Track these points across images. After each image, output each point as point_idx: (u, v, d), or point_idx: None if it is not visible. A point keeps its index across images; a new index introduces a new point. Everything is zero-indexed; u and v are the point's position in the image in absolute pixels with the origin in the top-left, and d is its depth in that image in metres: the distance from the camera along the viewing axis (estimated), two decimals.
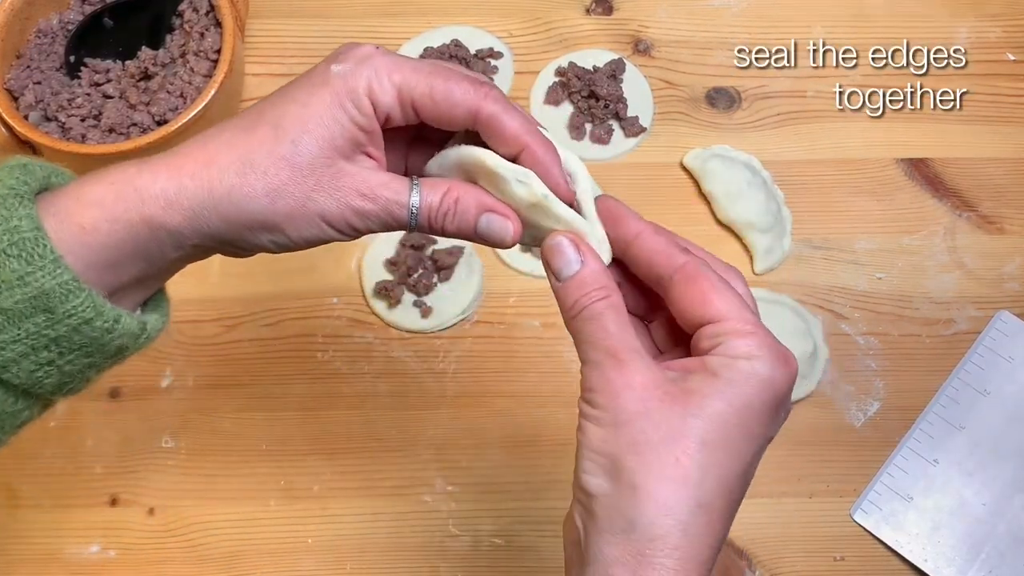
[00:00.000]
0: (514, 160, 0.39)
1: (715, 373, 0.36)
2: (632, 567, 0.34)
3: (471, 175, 0.40)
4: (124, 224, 0.36)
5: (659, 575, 0.34)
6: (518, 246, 0.41)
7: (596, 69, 0.76)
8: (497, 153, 0.39)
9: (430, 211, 0.39)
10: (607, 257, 0.40)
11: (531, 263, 0.69)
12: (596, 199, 0.40)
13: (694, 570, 0.34)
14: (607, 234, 0.40)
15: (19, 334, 0.35)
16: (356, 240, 0.41)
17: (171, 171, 0.37)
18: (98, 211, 0.36)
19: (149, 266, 0.38)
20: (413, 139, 0.43)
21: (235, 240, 0.38)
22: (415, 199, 0.39)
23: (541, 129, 0.40)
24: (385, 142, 0.40)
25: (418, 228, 0.40)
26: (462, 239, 0.41)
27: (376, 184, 0.39)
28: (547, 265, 0.39)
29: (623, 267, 0.41)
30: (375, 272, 0.69)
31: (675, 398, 0.35)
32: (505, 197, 0.39)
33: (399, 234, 0.69)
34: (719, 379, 0.36)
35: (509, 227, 0.39)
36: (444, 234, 0.40)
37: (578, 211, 0.40)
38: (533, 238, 0.41)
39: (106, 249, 0.36)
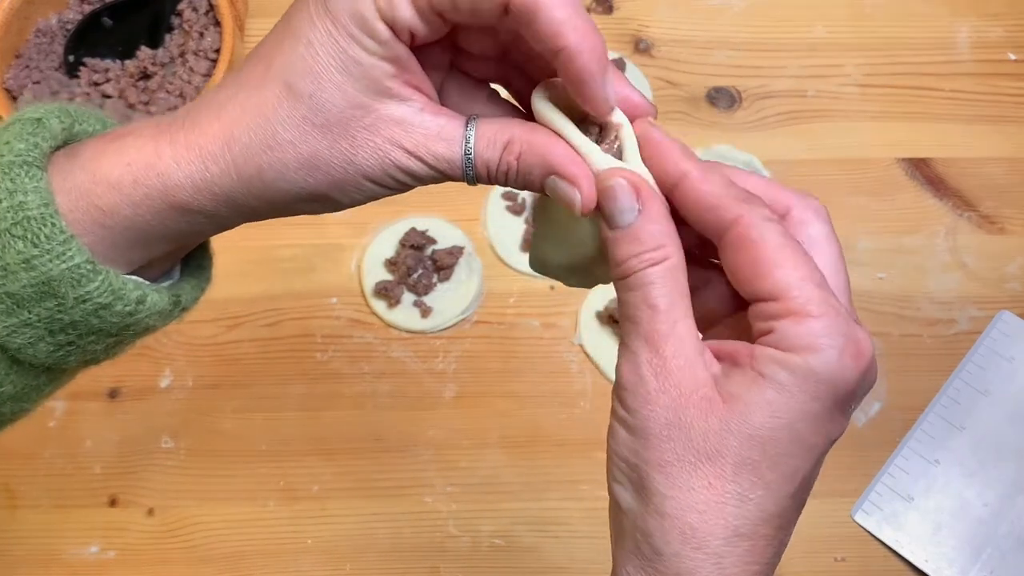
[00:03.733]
0: (552, 59, 0.31)
1: (761, 373, 0.30)
2: None
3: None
4: (148, 209, 0.32)
5: None
6: (518, 244, 0.38)
7: None
8: (534, 48, 0.31)
9: (487, 169, 0.33)
10: None
11: None
12: (634, 124, 0.33)
13: None
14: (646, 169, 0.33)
15: (30, 318, 0.31)
16: (356, 240, 0.39)
17: (191, 153, 0.32)
18: (116, 196, 0.32)
19: (185, 240, 0.35)
20: (451, 68, 0.35)
21: (281, 213, 0.34)
22: (469, 155, 0.32)
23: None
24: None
25: (479, 182, 0.34)
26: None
27: (422, 136, 0.32)
28: (600, 209, 0.32)
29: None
30: (375, 272, 0.69)
31: (713, 405, 0.30)
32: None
33: (399, 234, 0.69)
34: (766, 384, 0.29)
35: (577, 197, 0.32)
36: (512, 187, 0.34)
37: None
38: None
39: (130, 231, 0.32)
